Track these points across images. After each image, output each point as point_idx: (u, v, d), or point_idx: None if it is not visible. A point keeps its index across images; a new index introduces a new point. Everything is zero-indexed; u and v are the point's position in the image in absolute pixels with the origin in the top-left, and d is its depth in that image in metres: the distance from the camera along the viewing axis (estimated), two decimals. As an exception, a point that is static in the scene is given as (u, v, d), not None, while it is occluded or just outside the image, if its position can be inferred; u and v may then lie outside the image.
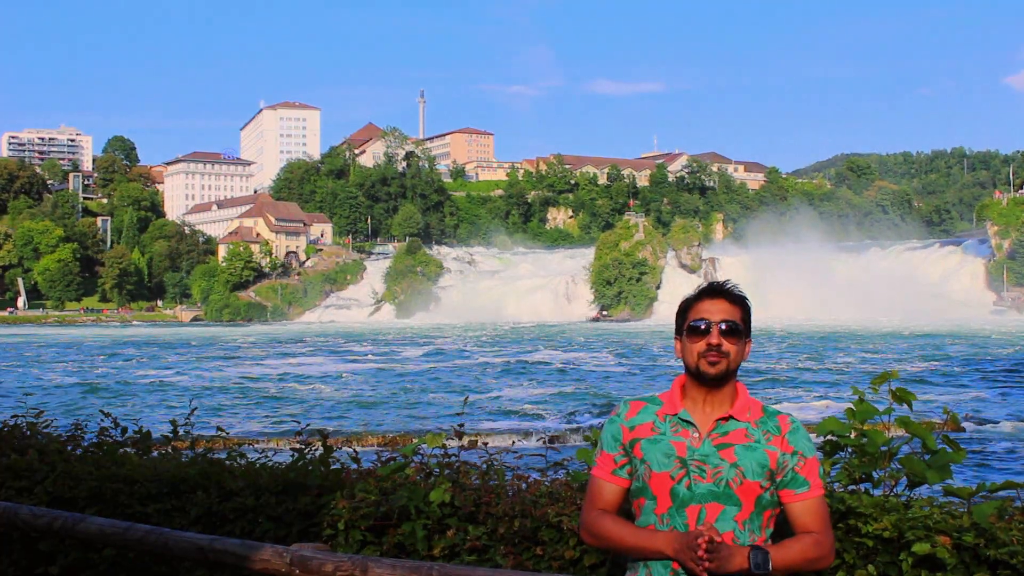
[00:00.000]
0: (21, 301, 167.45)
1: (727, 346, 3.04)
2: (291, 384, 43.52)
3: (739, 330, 3.07)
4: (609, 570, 4.18)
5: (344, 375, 48.48)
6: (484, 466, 5.02)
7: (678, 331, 3.16)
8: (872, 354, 60.19)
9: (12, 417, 7.08)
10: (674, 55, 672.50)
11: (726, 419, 3.05)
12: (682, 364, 3.16)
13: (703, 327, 3.06)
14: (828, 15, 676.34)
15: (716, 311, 3.08)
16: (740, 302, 3.12)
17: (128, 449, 6.41)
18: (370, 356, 64.71)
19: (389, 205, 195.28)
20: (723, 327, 3.05)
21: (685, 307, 3.17)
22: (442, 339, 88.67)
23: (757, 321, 3.41)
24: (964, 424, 25.76)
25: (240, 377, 47.76)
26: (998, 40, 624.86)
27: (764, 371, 46.69)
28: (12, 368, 54.11)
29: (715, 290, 3.13)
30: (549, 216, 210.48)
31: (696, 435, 3.03)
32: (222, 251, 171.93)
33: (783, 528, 3.08)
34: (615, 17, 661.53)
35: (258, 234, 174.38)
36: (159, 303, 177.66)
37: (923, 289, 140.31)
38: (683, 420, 3.06)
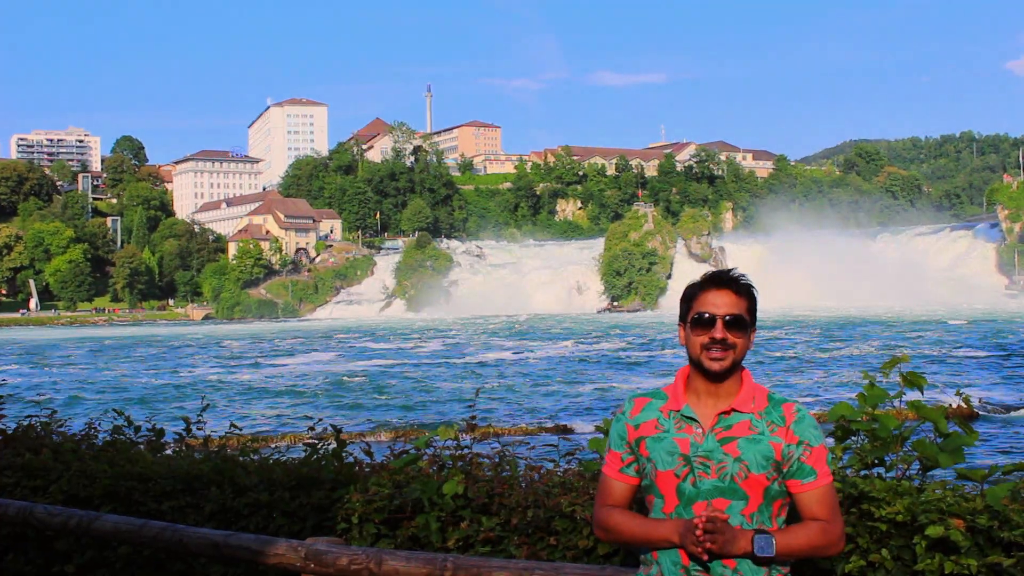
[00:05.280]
0: (33, 302, 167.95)
1: (732, 339, 3.01)
2: (307, 381, 43.59)
3: (744, 322, 3.03)
4: (623, 561, 4.19)
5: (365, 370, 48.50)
6: (497, 457, 5.03)
7: (682, 318, 3.13)
8: (882, 339, 60.01)
9: (26, 417, 7.12)
10: (678, 45, 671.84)
11: (728, 412, 3.01)
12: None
13: (707, 320, 3.02)
14: (832, 2, 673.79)
15: (721, 303, 3.03)
16: (746, 292, 3.07)
17: (141, 447, 6.44)
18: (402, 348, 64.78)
19: (398, 200, 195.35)
20: (728, 319, 3.01)
21: (690, 295, 3.12)
22: (468, 332, 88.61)
23: (768, 309, 3.36)
24: (977, 408, 25.64)
25: (258, 375, 47.84)
26: (999, 26, 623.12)
27: (774, 358, 46.67)
28: (25, 369, 54.28)
29: (721, 280, 3.07)
30: (558, 208, 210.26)
31: (699, 431, 3.00)
32: (232, 249, 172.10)
33: (795, 516, 3.05)
34: (618, 7, 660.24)
35: (268, 231, 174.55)
36: (170, 302, 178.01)
37: (934, 274, 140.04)
38: (686, 416, 3.03)
